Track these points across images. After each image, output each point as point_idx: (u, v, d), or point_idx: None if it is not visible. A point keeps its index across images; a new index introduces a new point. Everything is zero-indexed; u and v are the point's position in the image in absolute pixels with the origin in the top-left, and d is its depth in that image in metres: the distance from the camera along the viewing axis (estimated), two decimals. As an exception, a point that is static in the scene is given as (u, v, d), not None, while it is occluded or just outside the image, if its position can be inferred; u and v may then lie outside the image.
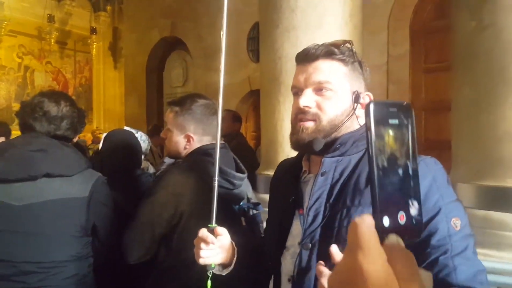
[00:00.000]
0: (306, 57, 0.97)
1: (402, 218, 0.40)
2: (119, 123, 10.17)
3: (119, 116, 11.13)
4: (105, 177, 1.70)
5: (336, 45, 0.96)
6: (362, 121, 0.98)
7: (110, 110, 12.53)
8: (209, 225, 1.02)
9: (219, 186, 1.39)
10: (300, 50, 1.00)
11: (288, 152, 2.95)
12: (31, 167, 1.46)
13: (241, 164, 1.65)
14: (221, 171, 1.44)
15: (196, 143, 1.59)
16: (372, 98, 0.99)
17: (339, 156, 0.96)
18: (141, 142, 2.74)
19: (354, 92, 0.95)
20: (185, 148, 1.61)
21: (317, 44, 0.97)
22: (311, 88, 0.95)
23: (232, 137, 3.84)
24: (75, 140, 1.77)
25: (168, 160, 2.65)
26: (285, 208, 1.02)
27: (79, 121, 1.71)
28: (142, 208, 1.50)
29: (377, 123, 0.40)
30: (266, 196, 3.08)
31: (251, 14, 5.23)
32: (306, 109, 0.94)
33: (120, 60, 11.55)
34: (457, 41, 2.52)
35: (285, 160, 1.16)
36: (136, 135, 2.64)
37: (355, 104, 0.96)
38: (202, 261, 1.01)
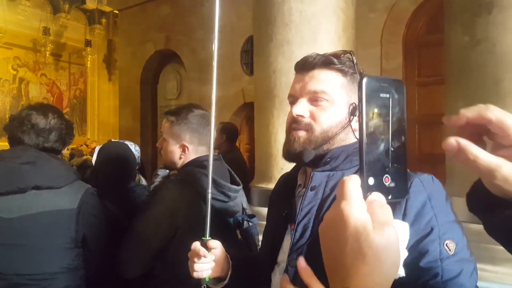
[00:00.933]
0: (303, 66, 0.94)
1: (387, 180, 0.45)
2: (113, 135, 10.15)
3: (113, 128, 11.11)
4: (96, 188, 1.70)
5: (335, 55, 0.94)
6: (353, 139, 0.95)
7: (104, 122, 12.51)
8: (202, 238, 1.01)
9: (214, 198, 1.38)
10: (294, 64, 0.98)
11: (282, 165, 2.94)
12: (20, 179, 1.47)
13: (235, 176, 1.64)
14: (216, 184, 1.44)
15: (192, 153, 1.58)
16: None
17: (330, 170, 0.92)
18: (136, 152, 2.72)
19: (351, 104, 0.91)
20: (180, 158, 1.60)
21: (317, 53, 0.94)
22: (306, 98, 0.92)
23: (227, 151, 3.80)
24: (64, 151, 1.76)
25: (162, 172, 2.62)
26: (278, 222, 1.00)
27: (68, 133, 1.71)
28: (138, 224, 1.49)
29: (368, 96, 0.44)
30: (260, 209, 3.08)
31: (245, 28, 5.27)
32: (299, 118, 0.92)
33: (114, 72, 11.59)
34: (451, 55, 2.54)
35: (285, 174, 1.13)
36: (131, 147, 2.61)
37: (351, 117, 0.91)
38: (196, 274, 1.00)
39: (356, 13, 3.08)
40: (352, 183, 0.43)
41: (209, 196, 1.06)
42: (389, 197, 0.45)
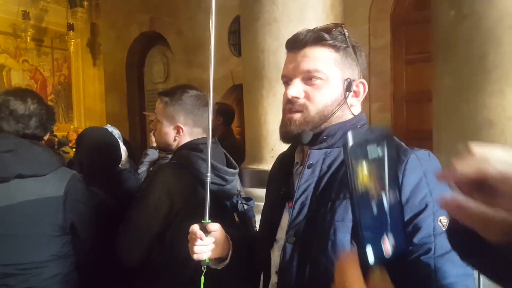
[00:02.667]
0: (294, 44, 0.92)
1: (385, 243, 0.42)
2: (100, 121, 10.01)
3: (100, 114, 10.94)
4: (82, 175, 1.68)
5: (327, 29, 0.91)
6: (356, 110, 0.95)
7: (90, 108, 12.30)
8: (202, 221, 1.02)
9: (212, 182, 1.39)
10: (282, 43, 0.97)
11: (272, 145, 2.95)
12: (2, 168, 1.44)
13: (232, 160, 1.63)
14: (213, 167, 1.43)
15: (186, 135, 1.56)
16: (366, 85, 0.95)
17: (327, 148, 0.92)
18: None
19: (346, 80, 0.90)
20: (174, 140, 1.57)
21: (308, 30, 0.92)
22: (300, 78, 0.91)
23: (224, 136, 3.53)
24: (46, 137, 1.73)
25: (151, 152, 2.60)
26: (276, 200, 1.01)
27: (48, 118, 1.66)
28: (137, 210, 1.47)
29: (355, 158, 0.41)
30: (252, 190, 3.10)
31: (231, 8, 5.17)
32: (294, 99, 0.91)
33: (99, 57, 11.33)
34: (437, 31, 2.54)
35: (282, 153, 1.13)
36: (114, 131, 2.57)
37: (347, 93, 0.91)
38: (196, 256, 1.01)
39: (344, -10, 3.05)
40: (351, 266, 0.42)
41: (208, 179, 1.06)
42: (390, 255, 0.43)
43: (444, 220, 0.76)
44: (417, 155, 0.82)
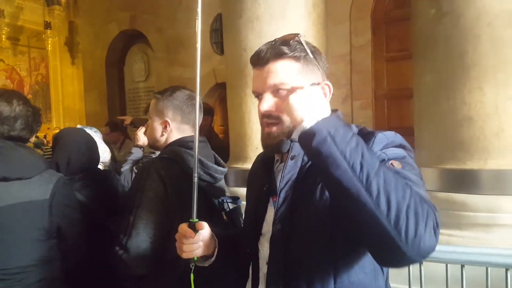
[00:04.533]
0: (258, 61, 0.97)
1: None
2: (80, 121, 9.81)
3: (80, 114, 10.73)
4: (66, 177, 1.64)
5: (285, 42, 0.96)
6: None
7: (69, 108, 12.04)
8: (190, 220, 1.02)
9: (201, 179, 1.38)
10: (264, 41, 1.00)
11: (257, 144, 2.94)
12: None
13: (219, 158, 1.64)
14: (202, 165, 1.45)
15: (174, 131, 1.55)
16: (331, 86, 1.00)
17: None
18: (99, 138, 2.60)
19: (311, 85, 0.94)
20: (162, 135, 1.56)
21: (268, 44, 0.97)
22: (269, 91, 0.96)
23: (210, 135, 3.50)
24: (32, 139, 1.68)
25: (135, 151, 2.55)
26: (260, 197, 1.06)
27: (35, 120, 1.63)
28: (138, 211, 1.38)
29: None
30: (237, 189, 3.08)
31: (213, 6, 5.13)
32: (267, 113, 0.96)
33: (77, 55, 11.11)
34: (418, 28, 2.57)
35: (261, 153, 1.18)
36: (91, 131, 2.48)
37: None
38: (185, 255, 1.03)
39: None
40: None
41: (195, 179, 1.05)
42: None
43: (395, 163, 0.85)
44: (384, 133, 0.93)
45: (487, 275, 1.68)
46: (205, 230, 1.05)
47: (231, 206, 1.59)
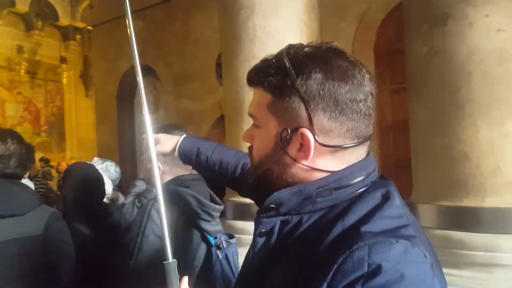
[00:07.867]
0: (247, 82, 0.75)
1: None
2: (92, 151, 9.99)
3: (92, 144, 10.93)
4: (66, 212, 1.70)
5: (266, 62, 0.69)
6: (333, 165, 0.66)
7: (83, 138, 12.31)
8: (164, 262, 0.82)
9: (200, 218, 1.41)
10: None
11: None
12: None
13: (215, 196, 1.64)
14: (200, 203, 1.46)
15: (167, 174, 1.57)
16: (310, 137, 0.64)
17: (276, 216, 0.69)
18: (109, 173, 2.68)
19: (283, 131, 0.65)
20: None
21: (257, 64, 0.72)
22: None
23: None
24: (26, 176, 1.73)
25: (139, 183, 2.59)
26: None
27: (28, 157, 1.67)
28: (139, 255, 1.44)
29: None
30: (234, 222, 3.04)
31: (218, 41, 5.28)
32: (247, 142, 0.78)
33: (91, 88, 11.44)
34: (411, 65, 2.60)
35: None
36: (102, 166, 2.57)
37: (282, 149, 0.66)
38: None
39: (326, 24, 3.13)
40: None
41: (163, 212, 0.85)
42: None
43: None
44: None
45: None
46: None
47: (225, 244, 1.59)
